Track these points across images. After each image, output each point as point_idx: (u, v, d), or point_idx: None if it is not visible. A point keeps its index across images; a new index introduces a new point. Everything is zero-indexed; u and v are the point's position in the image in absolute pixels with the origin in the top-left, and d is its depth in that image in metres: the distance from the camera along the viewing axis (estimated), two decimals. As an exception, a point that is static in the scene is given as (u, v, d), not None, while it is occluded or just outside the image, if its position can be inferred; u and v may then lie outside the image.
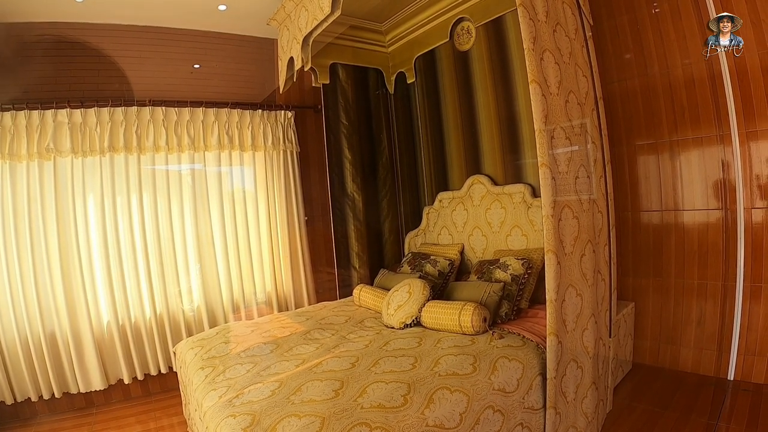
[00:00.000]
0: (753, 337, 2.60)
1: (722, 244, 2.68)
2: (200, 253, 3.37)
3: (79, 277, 2.98)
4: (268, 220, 3.64)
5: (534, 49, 1.98)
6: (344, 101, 3.64)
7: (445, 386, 1.78)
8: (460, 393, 1.78)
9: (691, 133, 2.75)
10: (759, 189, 2.53)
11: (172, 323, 3.29)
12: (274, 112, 3.63)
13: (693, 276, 2.81)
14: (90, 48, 3.11)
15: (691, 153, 2.77)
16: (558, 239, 1.95)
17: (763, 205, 2.52)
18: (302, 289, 3.76)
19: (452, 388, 1.78)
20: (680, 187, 2.82)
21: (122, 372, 3.14)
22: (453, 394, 1.76)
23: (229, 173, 3.49)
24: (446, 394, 1.75)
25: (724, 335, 2.70)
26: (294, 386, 1.83)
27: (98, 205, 3.06)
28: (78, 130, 2.97)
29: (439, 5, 3.24)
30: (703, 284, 2.76)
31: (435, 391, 1.75)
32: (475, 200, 3.17)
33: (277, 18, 3.10)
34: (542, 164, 1.92)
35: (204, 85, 3.48)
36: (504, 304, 2.43)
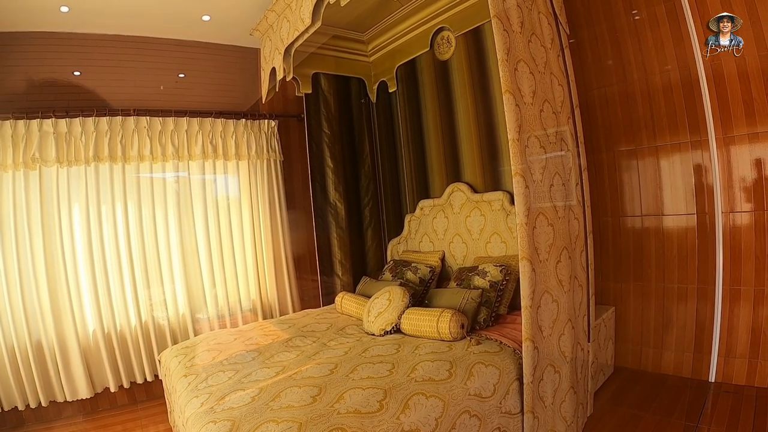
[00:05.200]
0: (733, 339, 2.64)
1: (701, 247, 2.71)
2: (185, 261, 3.39)
3: (64, 285, 2.99)
4: (252, 228, 3.67)
5: (508, 59, 2.01)
6: (326, 110, 3.68)
7: (420, 392, 1.81)
8: (436, 398, 1.80)
9: (669, 139, 2.80)
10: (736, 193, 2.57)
11: (157, 331, 3.30)
12: (258, 121, 3.67)
13: (673, 280, 2.84)
14: (75, 58, 3.13)
15: (670, 158, 2.80)
16: (532, 246, 1.99)
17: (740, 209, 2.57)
18: (287, 297, 3.78)
19: (428, 394, 1.81)
20: (660, 192, 2.86)
21: (108, 380, 3.14)
22: (428, 400, 1.79)
23: (213, 182, 3.52)
24: (422, 399, 1.78)
25: (705, 338, 2.72)
26: (273, 393, 1.86)
27: (83, 214, 3.08)
28: (63, 139, 2.99)
29: (420, 15, 3.28)
30: (683, 288, 2.79)
31: (411, 397, 1.78)
32: (456, 208, 3.21)
33: (259, 28, 3.13)
34: (516, 173, 1.96)
35: (188, 95, 3.51)
36: (482, 310, 2.46)
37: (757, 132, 2.52)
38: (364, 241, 3.85)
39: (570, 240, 2.27)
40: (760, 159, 2.49)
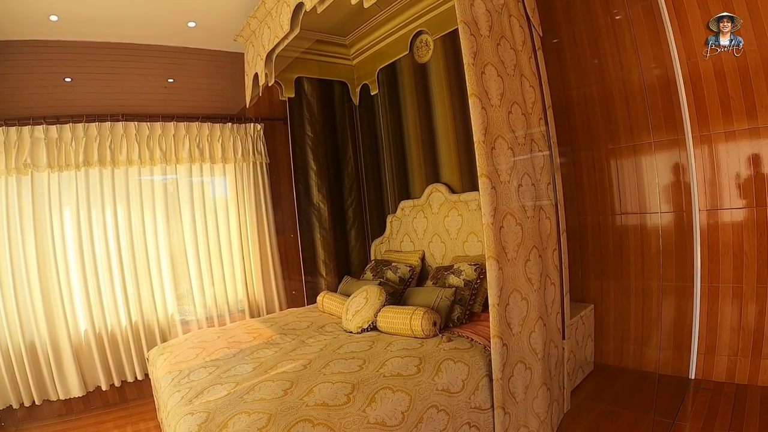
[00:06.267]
0: (713, 336, 2.65)
1: (680, 245, 2.73)
2: (173, 263, 3.46)
3: (56, 287, 3.07)
4: (239, 230, 3.73)
5: (475, 63, 2.06)
6: (309, 114, 3.74)
7: (387, 386, 1.86)
8: (403, 393, 1.86)
9: (647, 138, 2.81)
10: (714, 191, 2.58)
11: (147, 331, 3.37)
12: (244, 124, 3.73)
13: (653, 277, 2.85)
14: (64, 65, 3.21)
15: (648, 157, 2.82)
16: (499, 246, 2.03)
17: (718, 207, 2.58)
18: (273, 297, 3.84)
19: (395, 388, 1.86)
20: (638, 190, 2.87)
21: (100, 379, 3.21)
22: (395, 394, 1.84)
23: (200, 185, 3.58)
24: (388, 393, 1.83)
25: (685, 335, 2.74)
26: (248, 386, 1.93)
27: (74, 217, 3.15)
28: (54, 145, 3.07)
29: (400, 18, 3.34)
30: (663, 285, 2.81)
31: (378, 391, 1.83)
32: (434, 208, 3.26)
33: (243, 35, 3.20)
34: (482, 174, 2.00)
35: (175, 100, 3.57)
36: (456, 308, 2.50)
37: (733, 130, 2.53)
38: (348, 242, 3.91)
39: (541, 239, 2.30)
40: (737, 157, 2.50)
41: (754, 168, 2.46)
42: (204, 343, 2.65)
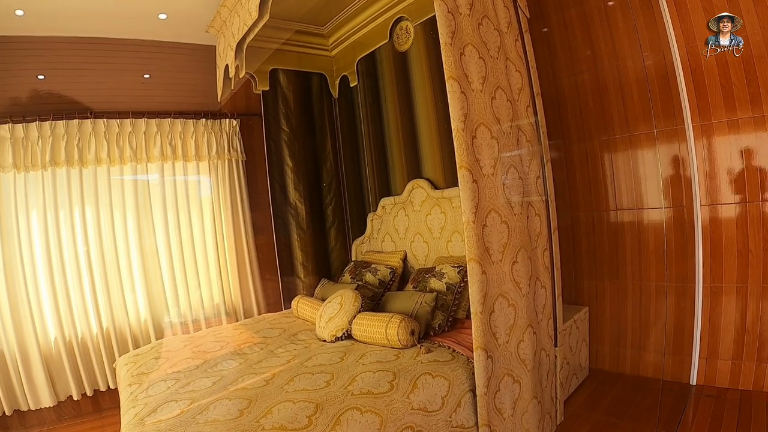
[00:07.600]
0: (715, 339, 2.50)
1: (680, 243, 2.57)
2: (145, 266, 3.31)
3: (23, 293, 2.93)
4: (214, 230, 3.57)
5: (452, 43, 1.87)
6: (285, 108, 3.56)
7: (355, 406, 1.67)
8: (372, 414, 1.67)
9: (644, 128, 2.66)
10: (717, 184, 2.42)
11: (119, 337, 3.23)
12: (219, 120, 3.56)
13: (651, 277, 2.70)
14: (32, 62, 3.04)
15: (645, 149, 2.67)
16: (482, 247, 1.84)
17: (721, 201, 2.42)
18: (251, 299, 3.69)
19: (363, 409, 1.67)
20: (635, 184, 2.72)
21: (71, 388, 3.07)
22: (364, 415, 1.65)
23: (173, 184, 3.42)
24: (356, 415, 1.64)
25: (686, 338, 2.59)
26: (204, 405, 1.78)
27: (41, 220, 3.01)
28: (20, 144, 2.92)
29: (378, 5, 3.15)
30: (662, 285, 2.66)
31: (344, 412, 1.64)
32: (416, 205, 3.07)
33: (214, 25, 3.02)
34: (461, 166, 1.81)
35: (147, 96, 3.40)
36: (438, 315, 2.31)
37: (737, 119, 2.38)
38: (328, 242, 3.73)
39: (530, 239, 2.12)
40: (741, 148, 2.34)
41: (761, 159, 2.29)
42: (168, 353, 2.50)
